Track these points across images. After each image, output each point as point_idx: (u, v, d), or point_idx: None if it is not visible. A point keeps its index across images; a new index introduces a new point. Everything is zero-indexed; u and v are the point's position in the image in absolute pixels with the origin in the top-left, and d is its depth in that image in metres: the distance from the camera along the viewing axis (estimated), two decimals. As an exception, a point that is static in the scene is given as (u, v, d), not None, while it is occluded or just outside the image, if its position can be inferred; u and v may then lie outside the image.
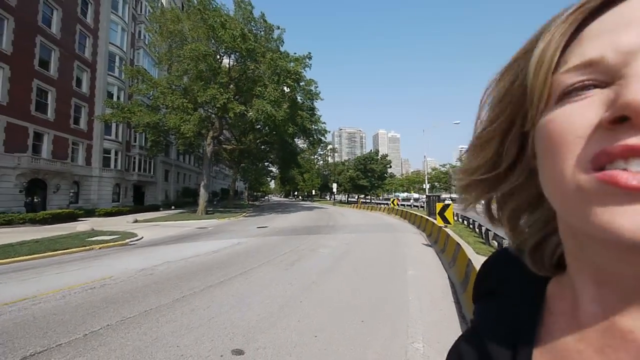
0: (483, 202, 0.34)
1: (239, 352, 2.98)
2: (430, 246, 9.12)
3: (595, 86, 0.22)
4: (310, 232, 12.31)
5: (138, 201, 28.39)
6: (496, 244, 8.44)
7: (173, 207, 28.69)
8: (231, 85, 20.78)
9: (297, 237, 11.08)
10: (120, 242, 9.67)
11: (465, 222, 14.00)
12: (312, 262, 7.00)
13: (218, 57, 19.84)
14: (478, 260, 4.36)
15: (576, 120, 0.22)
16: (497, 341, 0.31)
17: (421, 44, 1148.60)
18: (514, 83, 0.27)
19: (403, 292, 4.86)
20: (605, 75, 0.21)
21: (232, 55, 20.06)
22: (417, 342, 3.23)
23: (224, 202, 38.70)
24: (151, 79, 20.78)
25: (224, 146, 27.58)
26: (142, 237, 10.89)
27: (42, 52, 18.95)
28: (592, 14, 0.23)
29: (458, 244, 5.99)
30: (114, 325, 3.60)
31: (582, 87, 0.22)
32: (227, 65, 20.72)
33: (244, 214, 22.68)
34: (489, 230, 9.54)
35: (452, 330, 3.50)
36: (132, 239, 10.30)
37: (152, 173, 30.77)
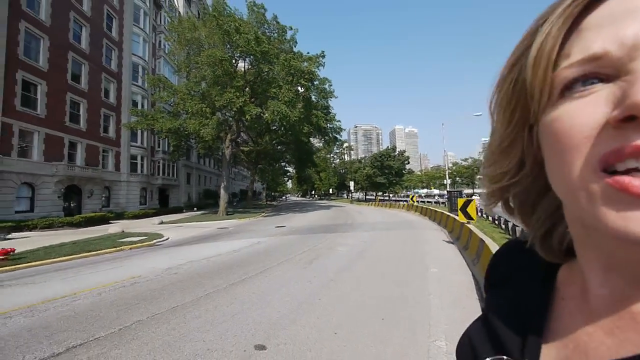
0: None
1: (262, 348, 3.06)
2: (452, 243, 8.85)
3: (600, 79, 0.21)
4: (327, 231, 12.34)
5: (163, 204, 29.76)
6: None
7: (195, 209, 29.80)
8: (247, 89, 21.25)
9: (315, 235, 11.15)
10: (147, 243, 10.20)
11: (490, 218, 13.44)
12: (330, 260, 7.03)
13: (234, 61, 20.36)
14: (503, 257, 4.18)
15: (582, 119, 0.21)
16: (508, 325, 0.32)
17: (438, 42, 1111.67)
18: (517, 83, 0.26)
19: (424, 290, 4.76)
20: (610, 69, 0.20)
21: (247, 59, 20.50)
22: (440, 340, 3.16)
23: (243, 202, 39.71)
24: (171, 86, 21.72)
25: (241, 148, 28.30)
26: (168, 238, 11.41)
27: (74, 66, 20.32)
28: (593, 1, 0.22)
29: (482, 240, 5.76)
30: (144, 320, 3.82)
31: (585, 80, 0.21)
32: (243, 69, 21.21)
33: (262, 214, 23.12)
34: (516, 226, 9.10)
35: (477, 329, 3.38)
36: (158, 240, 10.82)
37: (175, 176, 32.15)
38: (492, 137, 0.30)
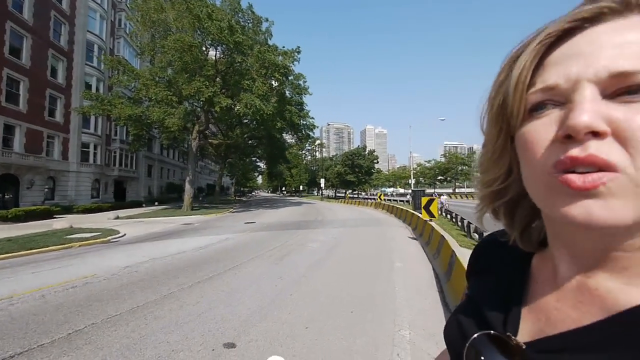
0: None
1: (231, 346, 3.00)
2: (415, 239, 9.38)
3: (554, 104, 0.28)
4: (298, 227, 12.35)
5: (119, 197, 27.42)
6: (477, 235, 8.80)
7: (157, 203, 27.93)
8: (217, 78, 20.32)
9: (286, 232, 11.10)
10: (101, 240, 9.36)
11: (449, 216, 14.46)
12: (301, 256, 7.06)
13: (204, 48, 19.30)
14: (461, 252, 4.55)
15: (540, 135, 0.28)
16: (491, 305, 0.37)
17: (409, 42, 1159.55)
18: (502, 104, 0.32)
19: (390, 283, 5.00)
20: (560, 97, 0.28)
21: (219, 48, 19.56)
22: (404, 329, 3.35)
23: (210, 197, 38.06)
24: (133, 70, 20.00)
25: (210, 141, 27.04)
26: (125, 234, 10.57)
27: (13, 38, 17.76)
28: (553, 43, 0.29)
29: (442, 236, 6.20)
30: (99, 323, 3.52)
31: (545, 104, 0.29)
32: (214, 58, 20.20)
33: (230, 210, 22.41)
34: (471, 224, 9.92)
35: (437, 318, 3.65)
36: (114, 236, 9.98)
37: (134, 168, 29.76)
38: (485, 149, 0.36)
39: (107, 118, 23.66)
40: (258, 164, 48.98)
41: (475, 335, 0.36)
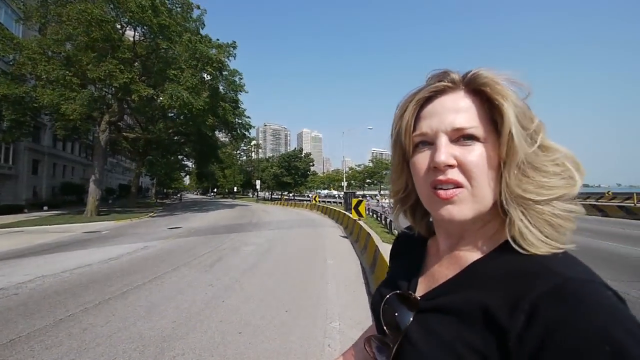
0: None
1: (152, 364, 2.72)
2: (346, 238, 10.09)
3: (427, 143, 0.45)
4: (232, 231, 11.77)
5: (-15, 200, 20.97)
6: (397, 232, 10.03)
7: (46, 208, 22.44)
8: (136, 63, 17.70)
9: (218, 236, 10.45)
10: (-44, 257, 7.05)
11: (375, 215, 15.97)
12: (234, 261, 6.79)
13: (119, 26, 16.53)
14: (383, 247, 5.14)
15: (422, 165, 0.45)
16: (402, 276, 0.55)
17: (337, 46, 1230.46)
18: (398, 143, 0.50)
19: (323, 280, 5.29)
20: (429, 139, 0.45)
21: (139, 29, 17.05)
22: (335, 321, 3.63)
23: (124, 200, 32.56)
24: (12, 38, 15.64)
25: (125, 134, 23.33)
26: (-4, 248, 8.21)
27: None
28: (423, 104, 0.47)
29: (369, 234, 6.87)
30: (-43, 364, 2.71)
31: (422, 144, 0.46)
32: (132, 39, 17.50)
33: (150, 214, 19.74)
34: (392, 222, 11.21)
35: (363, 307, 4.06)
36: (-22, 251, 7.64)
37: (10, 163, 23.24)
38: (392, 168, 0.54)
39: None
40: (185, 162, 44.35)
41: (388, 295, 0.52)
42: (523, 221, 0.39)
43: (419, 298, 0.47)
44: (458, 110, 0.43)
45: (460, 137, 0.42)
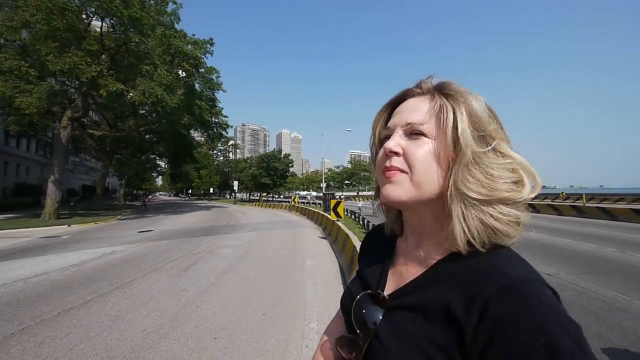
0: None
1: (120, 375, 2.58)
2: (325, 238, 10.15)
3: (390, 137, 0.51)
4: (208, 233, 11.40)
5: None
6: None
7: (-5, 211, 20.35)
8: (103, 56, 16.61)
9: (193, 239, 10.07)
10: None
11: (353, 216, 16.23)
12: (210, 264, 6.58)
13: (84, 16, 15.42)
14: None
15: (380, 154, 0.50)
16: (371, 274, 0.56)
17: (317, 47, 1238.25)
18: (375, 145, 0.56)
19: (301, 281, 5.30)
20: (391, 133, 0.50)
21: (107, 20, 16.01)
22: (313, 322, 3.65)
23: (88, 202, 30.25)
24: (-45, 22, 14.05)
25: (90, 131, 21.78)
26: None
27: None
28: (394, 105, 0.54)
29: (347, 234, 6.98)
30: None
31: (386, 138, 0.51)
32: (100, 30, 16.39)
33: (118, 217, 18.59)
34: (369, 222, 11.49)
35: (340, 308, 4.12)
36: None
37: (-48, 161, 20.83)
38: (373, 166, 0.58)
39: None
40: (158, 162, 42.20)
41: (359, 295, 0.53)
42: (459, 217, 0.42)
43: (387, 297, 0.49)
44: (415, 110, 0.49)
45: (412, 132, 0.48)
